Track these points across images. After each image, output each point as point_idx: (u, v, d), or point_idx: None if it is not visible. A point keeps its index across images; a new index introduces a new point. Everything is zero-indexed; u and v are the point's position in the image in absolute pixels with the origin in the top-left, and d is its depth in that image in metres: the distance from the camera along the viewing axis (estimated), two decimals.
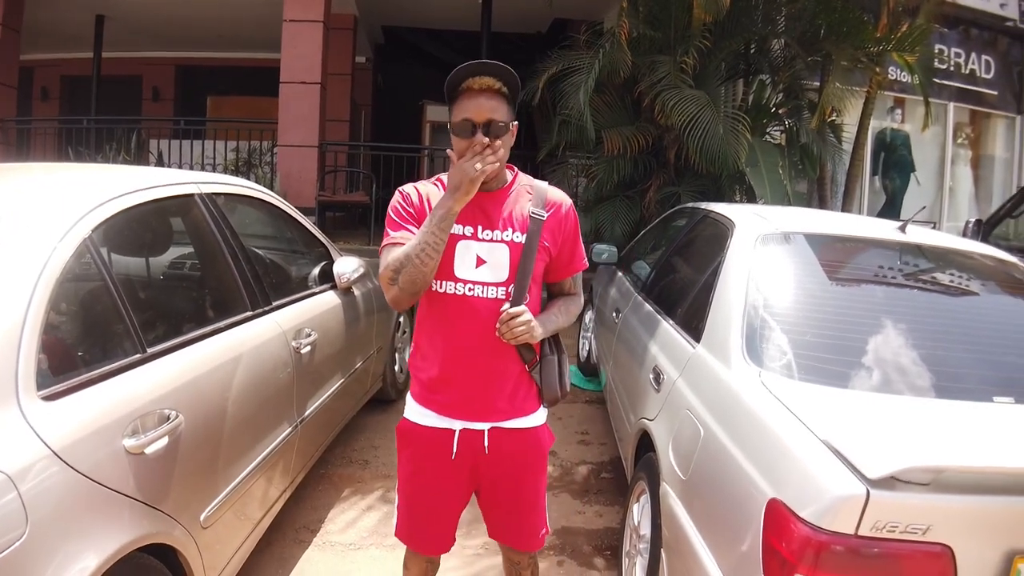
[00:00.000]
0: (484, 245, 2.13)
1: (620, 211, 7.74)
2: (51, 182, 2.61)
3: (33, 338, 1.82)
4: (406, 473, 2.33)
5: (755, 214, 3.31)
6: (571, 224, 2.26)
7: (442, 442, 2.20)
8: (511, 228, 2.14)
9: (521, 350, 2.18)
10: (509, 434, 2.22)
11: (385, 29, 14.64)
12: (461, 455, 2.20)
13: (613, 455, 4.55)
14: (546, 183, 2.29)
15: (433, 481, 2.26)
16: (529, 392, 2.26)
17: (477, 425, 2.19)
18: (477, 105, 2.04)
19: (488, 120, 2.03)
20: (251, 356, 2.80)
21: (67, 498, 1.76)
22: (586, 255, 2.38)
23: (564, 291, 2.38)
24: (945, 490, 1.67)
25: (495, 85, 2.05)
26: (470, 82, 2.05)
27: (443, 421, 2.21)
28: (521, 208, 2.18)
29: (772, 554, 1.76)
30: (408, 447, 2.30)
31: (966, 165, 12.51)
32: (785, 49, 7.89)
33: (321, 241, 4.18)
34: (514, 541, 2.40)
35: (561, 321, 2.27)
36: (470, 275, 2.12)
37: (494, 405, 2.19)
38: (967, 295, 2.96)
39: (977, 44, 12.03)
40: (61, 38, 12.99)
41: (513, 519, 2.35)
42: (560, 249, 2.24)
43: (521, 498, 2.31)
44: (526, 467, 2.28)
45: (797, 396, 2.10)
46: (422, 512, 2.32)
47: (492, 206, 2.16)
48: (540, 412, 2.30)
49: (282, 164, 9.57)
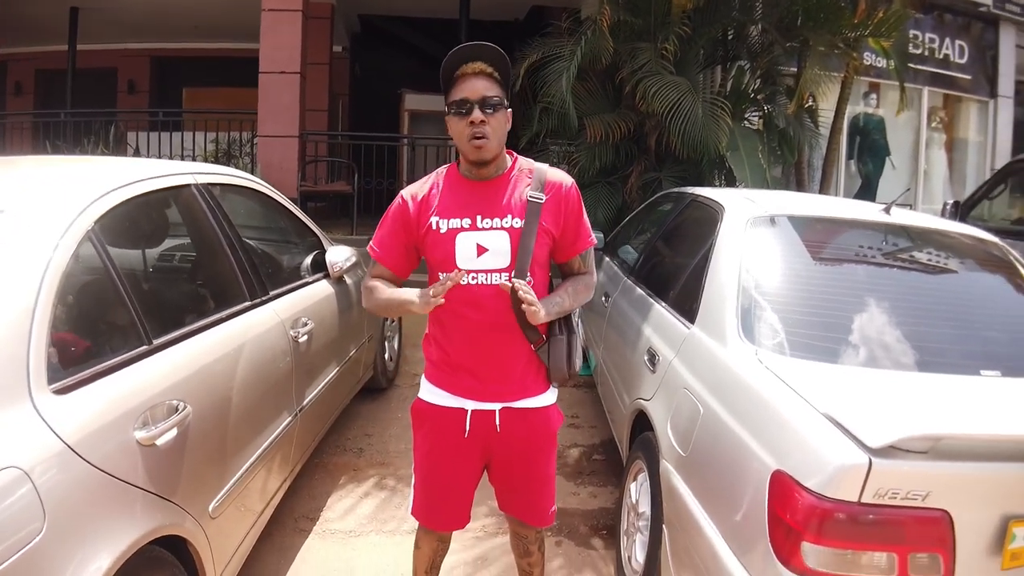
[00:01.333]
0: (484, 234, 2.17)
1: (602, 197, 7.76)
2: (49, 176, 2.60)
3: (42, 333, 1.82)
4: (422, 451, 2.38)
5: (744, 198, 3.36)
6: (573, 203, 2.28)
7: (455, 421, 2.27)
8: (511, 214, 2.18)
9: (526, 331, 2.22)
10: (520, 414, 2.27)
11: (362, 18, 14.55)
12: (474, 434, 2.26)
13: (604, 437, 4.61)
14: (547, 165, 2.32)
15: (447, 458, 2.32)
16: (539, 372, 2.31)
17: (488, 405, 2.26)
18: (471, 86, 2.11)
19: (482, 96, 2.10)
20: (253, 345, 2.82)
21: (83, 491, 1.76)
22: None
23: (573, 271, 2.40)
24: (943, 458, 1.74)
25: (487, 69, 2.13)
26: (464, 67, 2.12)
27: (456, 401, 2.27)
28: (520, 193, 2.21)
29: (778, 524, 1.82)
30: (423, 426, 2.37)
31: (940, 149, 12.65)
32: (763, 35, 7.93)
33: (312, 230, 4.19)
34: (525, 516, 2.46)
35: (568, 302, 2.27)
36: (472, 264, 2.15)
37: (505, 386, 2.26)
38: (951, 273, 3.04)
39: (951, 29, 12.15)
40: (35, 31, 12.81)
41: (523, 496, 2.42)
42: (564, 229, 2.27)
43: (532, 476, 2.38)
44: (536, 446, 2.34)
45: (794, 372, 2.17)
46: (438, 489, 2.37)
47: (491, 193, 2.21)
48: (550, 392, 2.35)
49: (262, 155, 9.51)
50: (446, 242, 2.16)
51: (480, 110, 2.09)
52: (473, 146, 2.12)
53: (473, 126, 2.09)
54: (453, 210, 2.19)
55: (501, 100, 2.13)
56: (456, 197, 2.22)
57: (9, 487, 1.56)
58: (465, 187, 2.23)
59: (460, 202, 2.20)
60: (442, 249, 2.17)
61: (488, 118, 2.10)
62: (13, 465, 1.58)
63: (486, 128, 2.10)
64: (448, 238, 2.16)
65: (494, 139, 2.13)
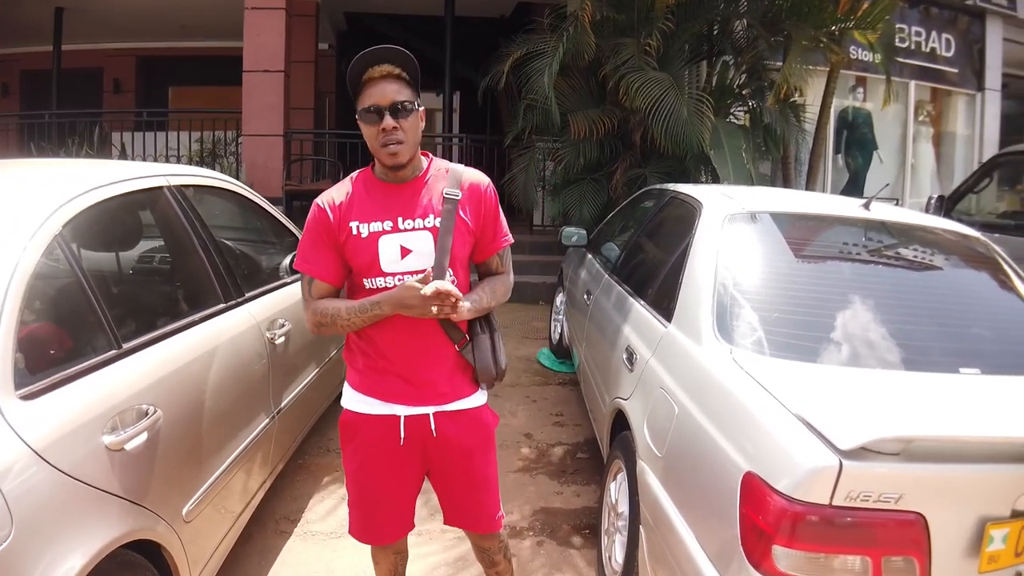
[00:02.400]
0: (407, 235, 2.13)
1: (588, 194, 7.76)
2: (18, 178, 2.57)
3: (8, 338, 1.80)
4: (352, 468, 2.32)
5: (722, 194, 3.35)
6: (491, 202, 2.26)
7: (389, 429, 2.21)
8: (432, 214, 2.15)
9: (448, 330, 2.19)
10: (454, 416, 2.23)
11: (347, 15, 14.49)
12: (410, 440, 2.21)
13: (588, 435, 4.60)
14: (463, 165, 2.30)
15: (382, 471, 2.26)
16: (467, 373, 2.27)
17: (422, 409, 2.20)
18: (380, 91, 2.07)
19: (392, 102, 2.06)
20: (226, 348, 2.80)
21: (51, 497, 1.75)
22: (559, 238, 2.40)
23: (491, 270, 2.37)
24: (916, 459, 1.72)
25: (395, 71, 2.09)
26: (370, 72, 2.08)
27: (387, 407, 2.21)
28: (438, 192, 2.18)
29: (750, 526, 1.80)
30: (353, 439, 2.29)
31: (928, 142, 12.65)
32: (748, 30, 7.93)
33: (291, 231, 4.16)
34: (471, 524, 2.41)
35: (486, 300, 2.24)
36: (397, 267, 2.12)
37: (436, 388, 2.21)
38: (931, 270, 3.02)
39: (938, 22, 12.16)
40: (19, 32, 12.73)
41: (466, 501, 2.35)
42: (483, 227, 2.24)
43: (473, 481, 2.32)
44: (473, 448, 2.28)
45: (768, 371, 2.15)
46: (374, 504, 2.32)
47: (409, 195, 2.18)
48: (480, 393, 2.31)
49: (247, 154, 9.47)
50: (369, 246, 2.12)
51: (391, 116, 2.05)
52: (387, 152, 2.08)
53: (385, 133, 2.06)
54: (373, 213, 2.14)
55: (412, 102, 2.09)
56: (374, 200, 2.17)
57: None
58: (382, 190, 2.18)
59: (379, 205, 2.15)
60: (366, 254, 2.12)
61: (400, 123, 2.06)
62: None
63: (399, 133, 2.07)
64: (371, 242, 2.12)
65: (409, 143, 2.10)
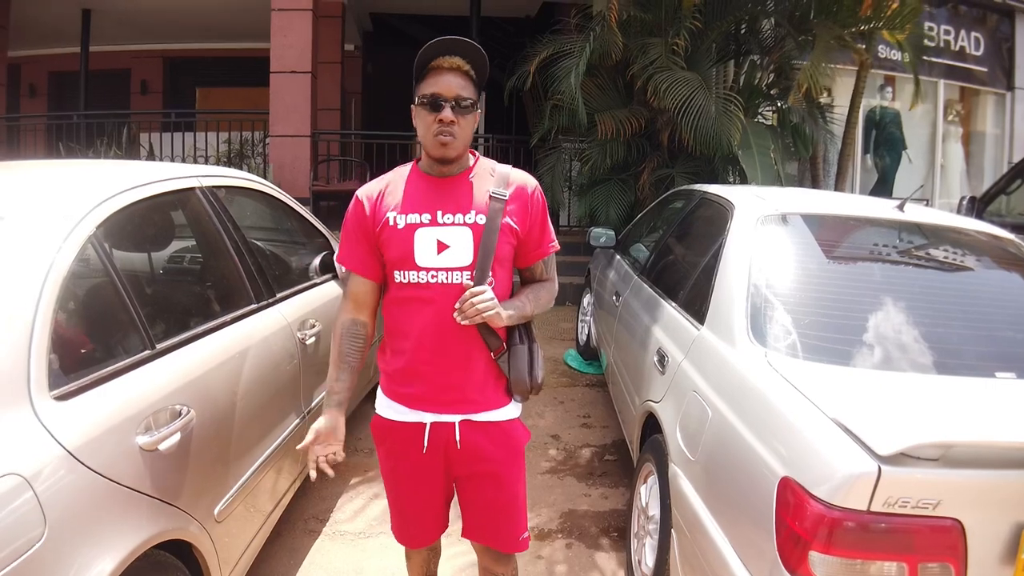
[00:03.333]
0: (445, 229, 2.06)
1: (614, 194, 7.75)
2: (52, 180, 2.60)
3: (43, 339, 1.81)
4: (386, 470, 2.29)
5: (754, 195, 3.32)
6: (538, 205, 2.19)
7: (414, 437, 2.15)
8: (474, 210, 2.08)
9: (486, 337, 2.11)
10: (481, 427, 2.15)
11: (373, 16, 14.55)
12: (432, 449, 2.15)
13: (616, 438, 4.58)
14: (510, 166, 2.24)
15: (410, 477, 2.22)
16: (499, 383, 2.18)
17: (447, 417, 2.13)
18: (447, 82, 2.02)
19: (456, 95, 2.02)
20: (258, 349, 2.81)
21: (84, 497, 1.76)
22: (587, 239, 2.36)
23: (535, 277, 2.31)
24: (954, 465, 1.70)
25: (464, 66, 2.04)
26: (440, 60, 2.03)
27: (414, 415, 2.15)
28: (483, 189, 2.13)
29: (786, 532, 1.78)
30: (383, 443, 2.26)
31: (957, 142, 12.51)
32: (775, 29, 7.88)
33: (321, 231, 4.18)
34: (491, 540, 2.29)
35: (529, 308, 2.18)
36: (432, 262, 2.05)
37: (464, 396, 2.13)
38: (966, 272, 2.98)
39: (966, 21, 12.01)
40: (47, 33, 12.86)
41: (489, 517, 2.26)
42: (528, 231, 2.17)
43: (497, 496, 2.22)
44: (500, 463, 2.19)
45: (804, 375, 2.13)
46: (407, 508, 2.30)
47: (452, 190, 2.12)
48: (513, 406, 2.22)
49: (275, 155, 9.52)
50: (404, 238, 2.05)
51: (451, 110, 2.01)
52: (439, 142, 2.03)
53: (442, 124, 2.01)
54: (412, 205, 2.08)
55: (473, 102, 2.05)
56: (416, 193, 2.11)
57: (9, 494, 1.55)
58: (425, 183, 2.13)
59: (420, 197, 2.09)
60: (400, 246, 2.05)
61: (458, 118, 2.02)
62: (13, 472, 1.58)
63: (455, 128, 2.02)
64: (406, 234, 2.05)
65: (461, 140, 2.05)
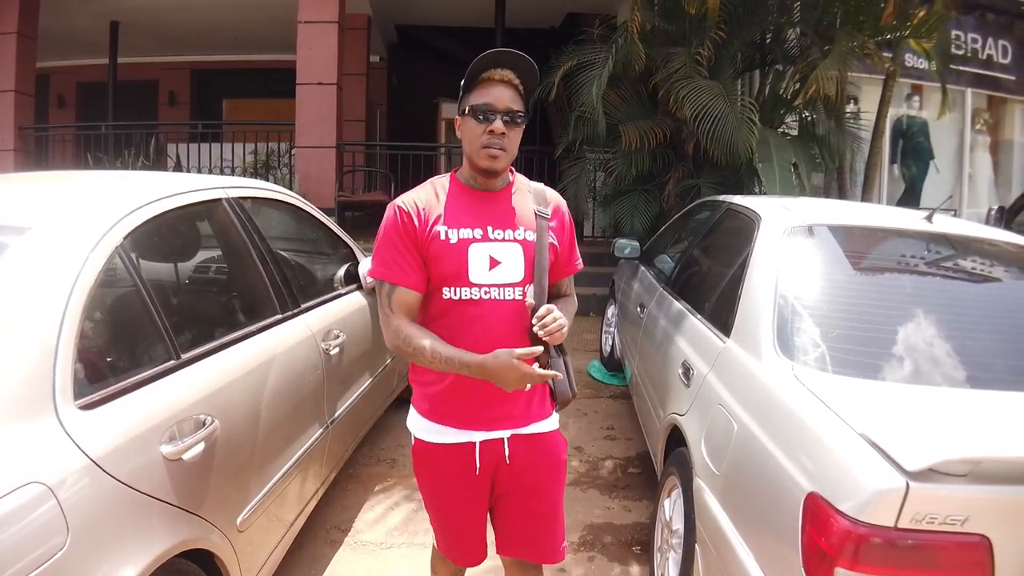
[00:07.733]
0: (497, 245, 2.05)
1: (639, 205, 7.72)
2: (80, 190, 2.63)
3: (69, 348, 1.82)
4: (429, 492, 2.26)
5: (781, 206, 3.30)
6: (569, 225, 2.24)
7: (464, 458, 2.12)
8: (523, 226, 2.09)
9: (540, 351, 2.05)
10: (529, 440, 2.15)
11: (398, 28, 14.66)
12: (484, 468, 2.13)
13: (640, 450, 4.55)
14: (541, 183, 2.26)
15: (456, 502, 2.20)
16: (543, 396, 2.20)
17: (497, 434, 2.11)
18: (498, 94, 2.01)
19: (508, 108, 2.01)
20: (282, 359, 2.82)
21: (107, 506, 1.77)
22: (611, 250, 2.36)
23: (560, 292, 2.29)
24: (983, 481, 1.66)
25: (515, 80, 2.03)
26: (492, 72, 2.02)
27: (462, 435, 2.11)
28: (527, 206, 2.13)
29: (812, 548, 1.76)
30: (428, 470, 2.21)
31: (985, 151, 12.37)
32: (801, 38, 7.82)
33: (345, 242, 4.20)
34: (529, 552, 2.26)
35: (569, 323, 2.14)
36: (485, 279, 2.03)
37: (513, 410, 2.12)
38: (995, 283, 2.94)
39: (993, 29, 11.87)
40: (76, 45, 13.09)
41: (529, 529, 2.23)
42: (562, 248, 2.19)
43: (543, 508, 2.22)
44: (547, 473, 2.21)
45: (831, 389, 2.10)
46: (453, 530, 2.28)
47: (499, 205, 2.11)
48: (554, 417, 2.25)
49: (300, 166, 9.61)
50: (458, 253, 2.01)
51: (502, 122, 2.00)
52: (487, 154, 2.01)
53: (492, 135, 2.00)
54: (462, 219, 2.05)
55: (523, 117, 2.04)
56: (462, 206, 2.08)
57: (32, 502, 1.56)
58: (469, 196, 2.10)
59: (468, 211, 2.06)
60: (453, 261, 2.01)
61: (508, 131, 2.01)
62: (37, 480, 1.59)
63: (504, 140, 2.01)
64: (460, 249, 2.01)
65: (509, 152, 2.04)
